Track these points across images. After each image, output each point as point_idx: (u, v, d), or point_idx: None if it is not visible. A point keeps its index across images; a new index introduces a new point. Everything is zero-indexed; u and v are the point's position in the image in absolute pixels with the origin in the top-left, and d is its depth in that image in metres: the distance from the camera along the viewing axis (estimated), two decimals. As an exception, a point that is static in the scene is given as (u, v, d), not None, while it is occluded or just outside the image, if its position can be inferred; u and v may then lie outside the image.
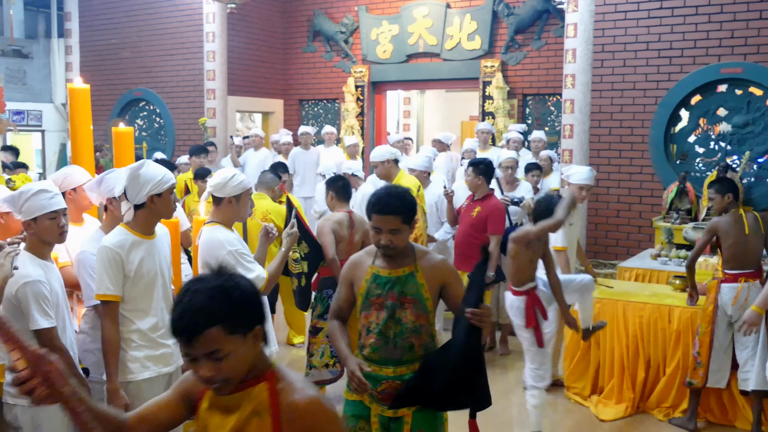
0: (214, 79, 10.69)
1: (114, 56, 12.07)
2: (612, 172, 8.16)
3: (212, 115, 10.75)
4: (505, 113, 9.79)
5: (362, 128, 11.13)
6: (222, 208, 3.72)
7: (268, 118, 12.12)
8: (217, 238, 3.63)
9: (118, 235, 3.24)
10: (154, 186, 3.25)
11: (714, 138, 7.87)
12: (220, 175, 3.73)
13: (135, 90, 11.94)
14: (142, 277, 3.25)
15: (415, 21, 10.53)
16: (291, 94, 12.05)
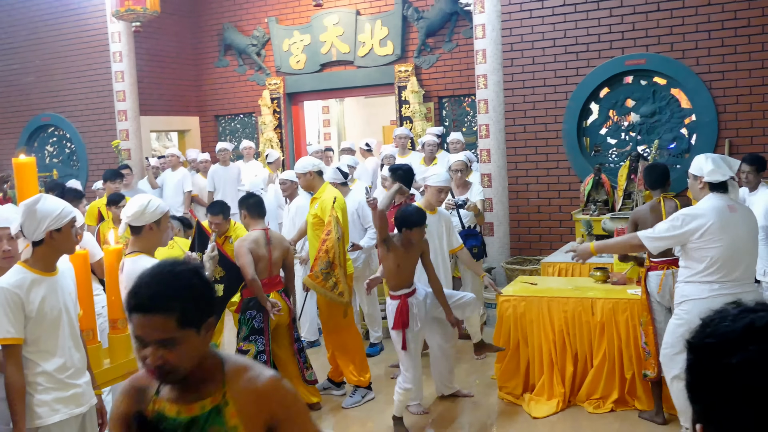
0: (125, 100, 10.42)
1: (17, 82, 11.61)
2: (530, 169, 8.27)
3: (125, 136, 10.48)
4: (422, 117, 9.83)
5: (281, 141, 11.01)
6: (143, 236, 3.66)
7: (184, 136, 11.87)
8: (144, 267, 3.50)
9: (16, 275, 3.08)
10: (52, 221, 3.11)
11: (624, 129, 8.07)
12: (136, 203, 3.65)
13: (42, 115, 11.51)
14: (45, 317, 3.09)
15: (326, 30, 10.48)
16: (206, 111, 11.83)
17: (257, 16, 11.16)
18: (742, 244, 4.18)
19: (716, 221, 4.14)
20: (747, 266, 4.23)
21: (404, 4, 9.94)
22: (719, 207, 4.19)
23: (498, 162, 8.20)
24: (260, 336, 5.03)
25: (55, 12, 11.13)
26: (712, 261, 4.15)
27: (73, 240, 3.23)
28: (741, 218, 4.22)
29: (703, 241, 4.15)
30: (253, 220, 5.23)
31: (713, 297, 4.08)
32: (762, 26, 7.19)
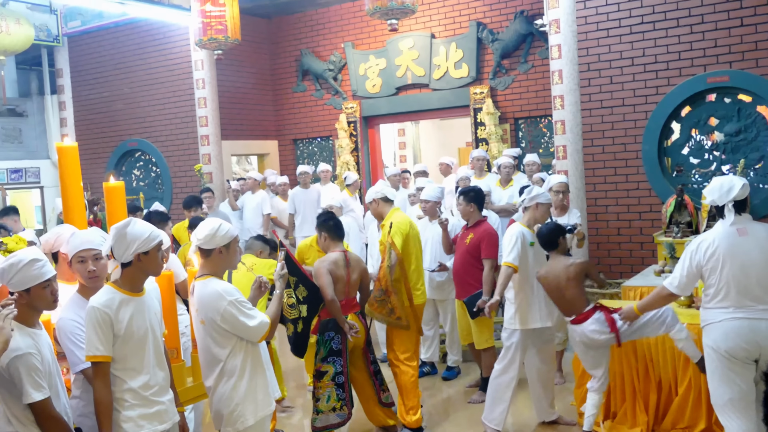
0: (207, 125, 10.77)
1: (107, 109, 12.16)
2: (609, 190, 8.11)
3: (207, 160, 10.81)
4: (498, 138, 9.79)
5: (357, 163, 11.14)
6: (212, 259, 3.74)
7: (263, 159, 12.16)
8: (214, 290, 3.64)
9: (106, 294, 3.23)
10: (141, 244, 3.25)
11: (708, 148, 7.83)
12: (207, 226, 3.74)
13: (129, 141, 12.00)
14: (132, 335, 3.22)
15: (401, 53, 10.58)
16: (284, 134, 12.09)
17: (334, 42, 11.37)
18: (754, 268, 4.02)
19: (722, 245, 4.06)
20: (761, 291, 4.03)
21: (479, 27, 9.96)
22: (727, 231, 4.10)
23: (576, 183, 8.07)
24: (338, 357, 5.06)
25: (142, 42, 11.62)
26: (723, 285, 4.05)
27: (160, 263, 3.36)
28: (753, 241, 4.06)
29: (711, 267, 4.07)
30: (333, 242, 5.28)
31: (728, 320, 4.02)
32: None
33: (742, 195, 4.13)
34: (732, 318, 4.03)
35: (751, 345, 4.00)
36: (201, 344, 3.75)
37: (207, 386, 3.76)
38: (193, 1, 8.74)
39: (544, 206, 5.40)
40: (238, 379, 3.68)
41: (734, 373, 4.05)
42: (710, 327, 4.15)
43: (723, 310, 4.09)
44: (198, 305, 3.68)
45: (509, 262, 5.23)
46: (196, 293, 3.71)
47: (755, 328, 3.99)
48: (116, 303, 3.20)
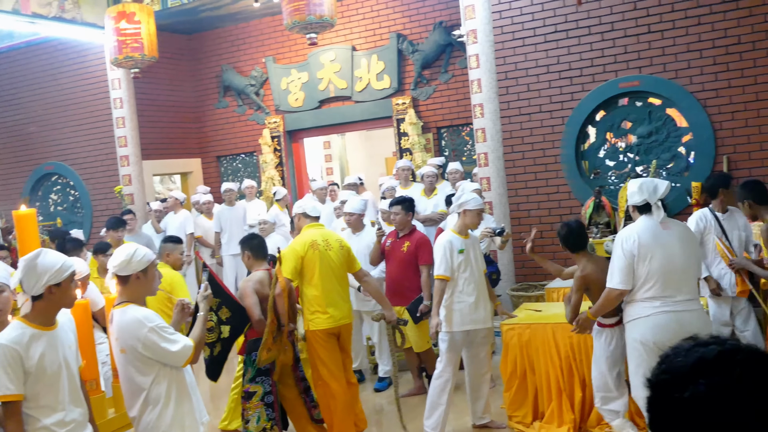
0: (127, 145, 10.54)
1: (20, 132, 11.77)
2: (530, 195, 8.29)
3: (128, 182, 10.57)
4: (421, 148, 9.89)
5: (283, 178, 11.08)
6: (130, 285, 3.61)
7: (187, 178, 11.96)
8: (133, 317, 3.51)
9: (14, 330, 3.08)
10: (52, 276, 3.12)
11: (622, 150, 8.09)
12: (122, 252, 3.61)
13: (46, 164, 11.63)
14: (45, 372, 3.09)
15: (323, 67, 10.59)
16: (208, 152, 11.93)
17: (255, 57, 11.30)
18: (677, 260, 4.21)
19: (646, 237, 4.24)
20: (684, 283, 4.23)
21: (399, 38, 10.06)
22: (650, 225, 4.29)
23: (498, 190, 8.22)
24: (267, 377, 4.97)
25: (56, 62, 11.31)
26: (649, 277, 4.21)
27: (73, 294, 3.25)
28: (675, 235, 4.27)
29: (640, 258, 4.22)
30: (257, 260, 5.20)
31: (655, 314, 4.18)
32: (752, 42, 7.24)
33: (666, 194, 4.34)
34: (659, 312, 4.19)
35: (678, 336, 4.11)
36: (123, 374, 3.63)
37: (131, 416, 3.64)
38: (108, 19, 8.57)
39: (473, 212, 5.44)
40: (163, 407, 3.57)
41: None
42: (637, 321, 4.29)
43: (649, 304, 4.24)
44: (117, 334, 3.56)
45: (441, 275, 5.29)
46: (114, 322, 3.59)
47: (681, 320, 4.17)
48: (26, 338, 3.06)
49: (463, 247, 5.35)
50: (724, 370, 1.14)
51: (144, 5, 8.74)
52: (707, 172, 7.48)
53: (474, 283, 5.36)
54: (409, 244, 6.33)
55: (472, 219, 5.44)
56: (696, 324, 4.17)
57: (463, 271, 5.34)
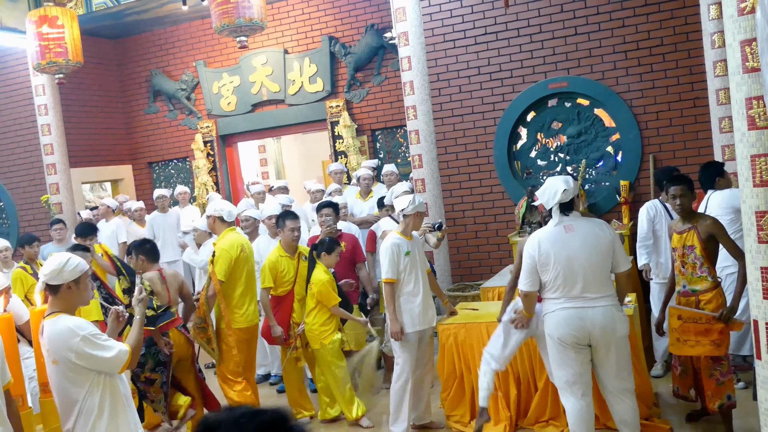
0: (53, 153, 10.23)
1: (-61, 141, 11.29)
2: (465, 195, 8.37)
3: (56, 190, 10.26)
4: (356, 150, 9.88)
5: (216, 183, 10.92)
6: (61, 295, 3.50)
7: (117, 185, 11.67)
8: (65, 326, 3.41)
9: None
10: None
11: (553, 150, 8.23)
12: (54, 261, 3.50)
13: (-32, 174, 11.20)
14: None
15: (255, 70, 10.49)
16: (139, 158, 11.68)
17: (185, 61, 11.11)
18: (577, 261, 4.39)
19: (549, 243, 4.45)
20: (587, 281, 4.40)
21: (331, 41, 10.03)
22: (553, 230, 4.49)
23: (433, 191, 8.28)
24: (164, 368, 5.33)
25: (-24, 68, 10.90)
26: (552, 278, 4.45)
27: None
28: (578, 237, 4.43)
29: (543, 263, 4.45)
30: (149, 263, 5.56)
31: (559, 310, 4.43)
32: (674, 44, 7.47)
33: (566, 198, 4.46)
34: (562, 308, 4.43)
35: (580, 331, 4.40)
36: (55, 386, 3.50)
37: (66, 430, 3.53)
38: (29, 23, 8.29)
39: (421, 215, 5.56)
40: (97, 418, 3.47)
41: (569, 357, 4.46)
42: (547, 317, 4.55)
43: (555, 301, 4.48)
44: (49, 345, 3.44)
45: (389, 278, 5.34)
46: (45, 333, 3.47)
47: (582, 316, 4.38)
48: None
49: (409, 249, 5.38)
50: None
51: (67, 9, 8.48)
52: (635, 171, 7.68)
53: (420, 283, 5.43)
54: (344, 243, 6.48)
55: (415, 222, 5.51)
56: (600, 319, 4.37)
57: (409, 272, 5.38)
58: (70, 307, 3.53)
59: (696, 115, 7.45)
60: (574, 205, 4.54)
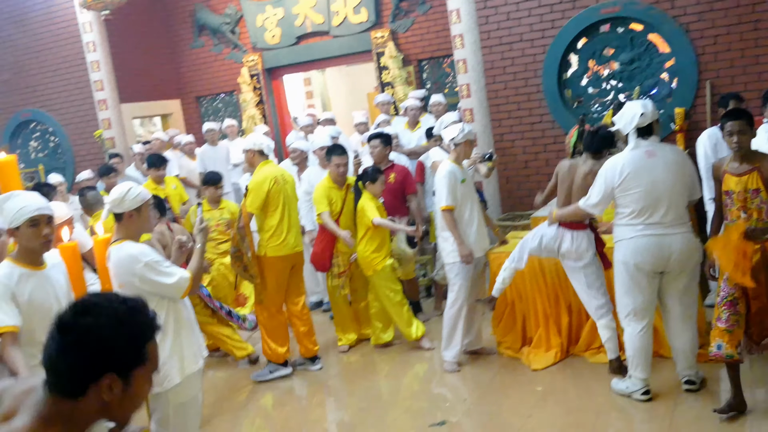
0: (103, 89, 10.37)
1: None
2: (514, 125, 8.28)
3: (108, 125, 10.44)
4: (403, 81, 9.79)
5: (264, 116, 10.97)
6: (124, 223, 3.67)
7: (167, 119, 11.82)
8: (128, 254, 3.59)
9: (4, 268, 3.20)
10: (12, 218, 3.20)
11: (604, 78, 8.05)
12: (117, 190, 3.68)
13: (23, 111, 11.44)
14: (36, 309, 3.18)
15: (298, 2, 10.37)
16: (187, 93, 11.76)
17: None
18: (661, 187, 4.32)
19: (631, 167, 4.36)
20: (669, 208, 4.35)
21: (375, -31, 9.85)
22: (635, 154, 4.39)
23: (482, 121, 8.20)
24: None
25: (23, 8, 11.00)
26: (633, 205, 4.38)
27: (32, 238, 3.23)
28: (661, 163, 4.35)
29: (622, 188, 4.38)
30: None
31: (638, 237, 4.37)
32: (734, -37, 7.15)
33: (644, 122, 4.36)
34: (642, 235, 4.36)
35: (658, 259, 4.37)
36: None
37: None
38: (75, -41, 8.32)
39: (471, 144, 5.55)
40: (161, 340, 3.60)
41: (640, 286, 4.44)
42: (621, 243, 4.48)
43: (633, 227, 4.41)
44: (114, 270, 3.63)
45: (447, 205, 5.37)
46: (111, 259, 3.65)
47: (662, 243, 4.33)
48: (15, 276, 3.17)
49: (464, 176, 5.41)
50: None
51: (112, -57, 8.47)
52: (690, 98, 7.48)
53: (475, 210, 5.49)
54: (394, 175, 6.60)
55: (465, 151, 5.50)
56: (679, 247, 4.32)
57: (464, 200, 5.42)
58: (134, 234, 3.69)
59: (756, 38, 7.17)
60: (653, 130, 4.45)
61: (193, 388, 3.76)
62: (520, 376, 5.29)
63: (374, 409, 5.19)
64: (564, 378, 5.17)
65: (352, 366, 6.07)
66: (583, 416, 4.59)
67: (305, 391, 5.70)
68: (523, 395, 5.00)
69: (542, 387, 5.05)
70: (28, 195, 3.28)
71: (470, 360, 5.70)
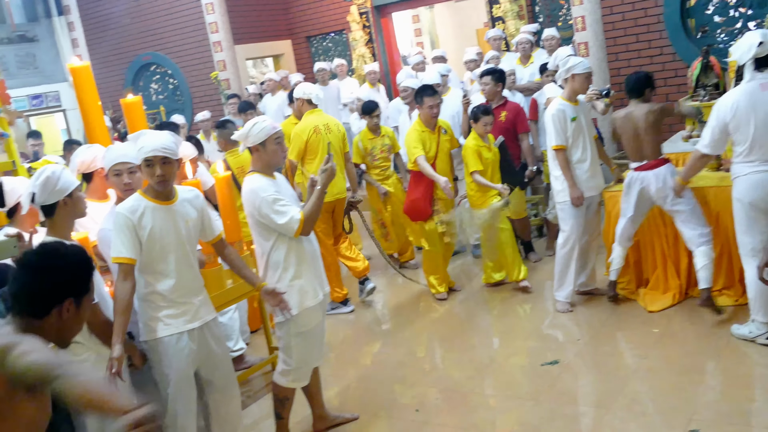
0: (218, 31, 10.62)
1: (115, 25, 12.01)
2: (632, 58, 7.93)
3: (223, 67, 10.72)
4: (514, 15, 9.51)
5: (373, 55, 10.95)
6: (254, 156, 3.83)
7: (279, 60, 12.01)
8: (251, 188, 3.77)
9: (131, 201, 3.36)
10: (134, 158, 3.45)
11: (732, 5, 7.54)
12: (247, 125, 3.81)
13: (143, 55, 11.91)
14: (156, 242, 3.33)
15: (408, -64, 10.20)
16: (297, 33, 11.88)
17: (337, -70, 10.98)
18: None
19: (744, 101, 4.17)
20: None
21: None
22: (748, 87, 4.19)
23: (597, 54, 7.88)
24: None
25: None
26: (747, 138, 4.20)
27: (149, 176, 3.36)
28: None
29: (736, 124, 4.20)
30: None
31: (753, 173, 4.22)
32: None
33: (762, 52, 4.13)
34: (757, 171, 4.22)
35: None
36: (254, 238, 3.89)
37: (260, 276, 3.90)
38: None
39: (582, 76, 5.27)
40: (282, 271, 3.80)
41: (758, 223, 4.28)
42: (738, 180, 4.34)
43: (749, 163, 4.26)
44: (243, 200, 3.81)
45: (558, 145, 5.24)
46: (243, 190, 3.83)
47: None
48: (140, 209, 3.31)
49: (575, 114, 5.24)
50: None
51: None
52: (829, 23, 6.92)
53: (588, 149, 5.31)
54: (506, 113, 6.42)
55: (581, 84, 5.30)
56: None
57: (576, 138, 5.27)
58: (263, 167, 3.81)
59: None
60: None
61: (312, 319, 3.88)
62: (636, 317, 5.18)
63: (484, 348, 5.23)
64: (682, 320, 5.02)
65: (465, 304, 6.10)
66: (702, 360, 4.46)
67: (407, 333, 5.79)
68: (638, 337, 4.90)
69: (659, 329, 4.93)
70: (150, 135, 3.40)
71: (583, 300, 5.62)
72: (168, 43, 11.55)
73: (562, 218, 5.40)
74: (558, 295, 5.49)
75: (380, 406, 4.50)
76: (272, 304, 3.69)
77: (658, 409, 3.95)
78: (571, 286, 5.44)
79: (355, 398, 4.67)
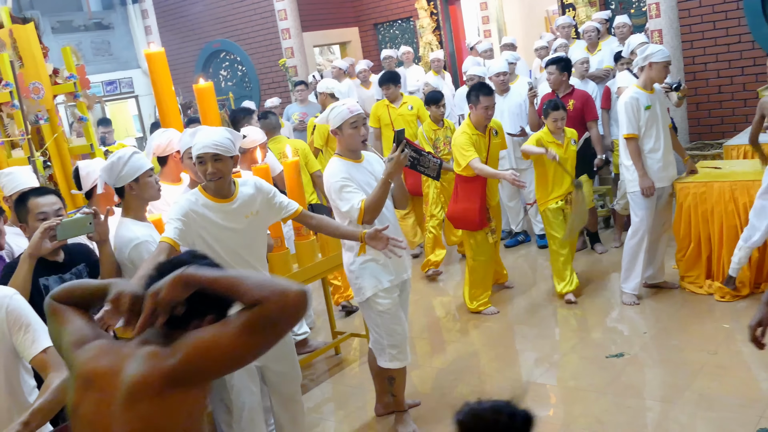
0: (287, 18, 10.74)
1: (187, 12, 12.26)
2: (708, 46, 7.69)
3: (291, 54, 10.84)
4: (585, 2, 9.31)
5: (440, 42, 10.90)
6: (337, 140, 3.90)
7: (345, 47, 12.07)
8: (327, 171, 3.86)
9: (193, 194, 3.31)
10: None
11: (818, -11, 7.24)
12: (327, 110, 3.88)
13: (213, 42, 12.13)
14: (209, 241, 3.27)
15: None
16: (364, 20, 11.91)
17: None
18: None
19: None
20: None
21: None
22: None
23: (672, 42, 7.67)
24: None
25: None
26: None
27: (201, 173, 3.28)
28: None
29: None
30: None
31: None
32: None
33: None
34: None
35: None
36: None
37: None
38: None
39: (660, 65, 5.11)
40: (356, 253, 3.88)
41: None
42: None
43: None
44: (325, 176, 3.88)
45: (630, 133, 5.13)
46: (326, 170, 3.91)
47: None
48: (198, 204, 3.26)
49: (650, 102, 5.12)
50: None
51: None
52: None
53: (661, 139, 5.17)
54: (573, 101, 6.31)
55: (658, 72, 5.15)
56: None
57: (649, 127, 5.14)
58: (344, 151, 3.87)
59: None
60: None
61: (389, 300, 3.89)
62: (705, 311, 5.06)
63: (548, 339, 5.19)
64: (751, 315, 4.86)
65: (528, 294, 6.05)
66: (775, 357, 4.33)
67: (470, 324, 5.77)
68: (708, 331, 4.78)
69: (729, 324, 4.81)
70: (203, 132, 3.31)
71: (651, 293, 5.51)
72: (237, 30, 11.74)
73: (633, 209, 5.30)
74: (625, 287, 5.40)
75: (441, 395, 4.51)
76: (379, 248, 3.53)
77: (726, 405, 3.86)
78: (638, 278, 5.34)
79: (418, 385, 4.70)
